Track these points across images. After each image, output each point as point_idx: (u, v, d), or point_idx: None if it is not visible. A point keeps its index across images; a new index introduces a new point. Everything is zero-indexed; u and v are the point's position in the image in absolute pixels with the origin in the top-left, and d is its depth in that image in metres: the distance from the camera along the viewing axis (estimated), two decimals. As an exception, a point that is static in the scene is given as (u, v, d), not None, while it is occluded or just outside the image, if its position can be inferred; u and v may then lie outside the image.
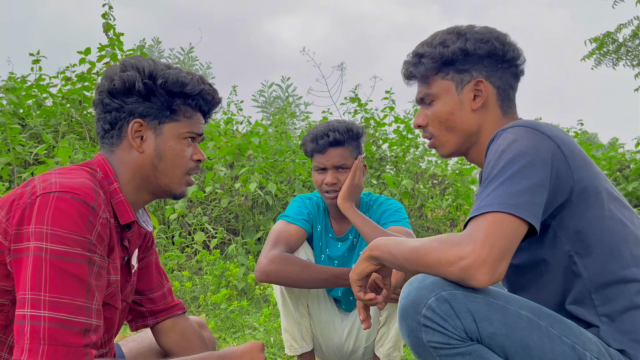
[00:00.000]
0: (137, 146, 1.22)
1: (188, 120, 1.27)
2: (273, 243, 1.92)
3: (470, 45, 1.28)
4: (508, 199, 1.05)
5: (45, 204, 1.01)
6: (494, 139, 1.19)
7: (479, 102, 1.29)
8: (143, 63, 1.23)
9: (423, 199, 5.32)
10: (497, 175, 1.09)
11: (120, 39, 5.20)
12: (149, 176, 1.25)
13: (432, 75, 1.33)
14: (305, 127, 6.18)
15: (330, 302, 2.14)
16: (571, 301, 1.15)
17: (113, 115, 1.22)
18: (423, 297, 1.05)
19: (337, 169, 1.96)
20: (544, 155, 1.10)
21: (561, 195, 1.12)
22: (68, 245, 1.00)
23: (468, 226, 1.07)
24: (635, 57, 7.46)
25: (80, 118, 4.91)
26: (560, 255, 1.15)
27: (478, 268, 1.00)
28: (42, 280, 0.97)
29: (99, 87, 1.24)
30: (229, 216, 4.52)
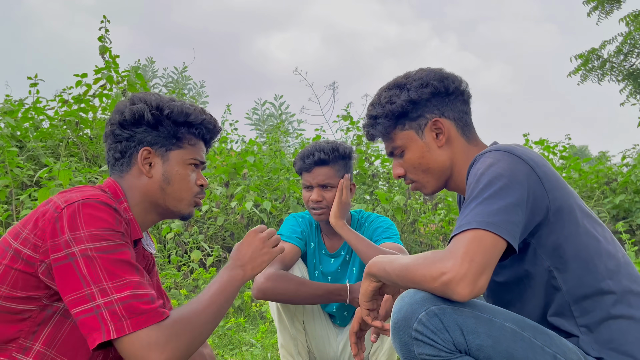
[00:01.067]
0: (147, 172, 1.34)
1: (192, 148, 1.39)
2: (269, 261, 1.98)
3: (414, 94, 1.38)
4: (485, 217, 1.12)
5: (73, 212, 1.12)
6: (473, 163, 1.27)
7: (442, 139, 1.39)
8: (150, 97, 1.37)
9: (415, 214, 5.40)
10: (476, 196, 1.18)
11: (116, 61, 5.29)
12: (158, 199, 1.36)
13: (391, 131, 1.42)
14: (299, 145, 6.27)
15: (325, 318, 2.20)
16: (552, 313, 1.23)
17: (123, 145, 1.34)
18: (414, 311, 1.12)
19: (322, 187, 2.05)
20: (520, 178, 1.18)
21: (538, 214, 1.20)
22: (107, 240, 1.12)
23: (450, 243, 1.15)
24: (620, 73, 7.63)
25: (77, 139, 4.97)
26: (540, 270, 1.22)
27: (459, 282, 1.07)
28: (99, 274, 1.08)
29: (110, 120, 1.36)
30: (224, 234, 4.58)
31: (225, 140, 5.84)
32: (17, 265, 1.14)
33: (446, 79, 1.40)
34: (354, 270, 2.14)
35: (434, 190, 1.45)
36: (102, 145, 5.21)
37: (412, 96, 1.38)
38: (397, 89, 1.42)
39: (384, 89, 1.45)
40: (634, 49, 7.35)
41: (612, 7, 7.49)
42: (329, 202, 2.03)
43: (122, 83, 5.43)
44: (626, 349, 1.15)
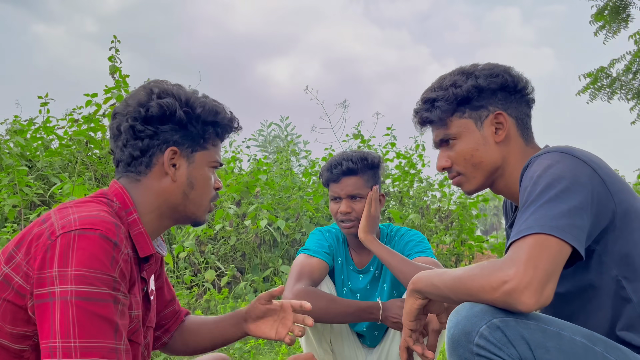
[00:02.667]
0: (172, 174, 1.20)
1: (214, 149, 1.28)
2: (297, 277, 1.89)
3: (482, 81, 1.32)
4: (548, 221, 1.04)
5: (67, 245, 0.97)
6: (528, 166, 1.19)
7: (501, 135, 1.31)
8: (176, 90, 1.21)
9: (429, 234, 5.30)
10: (535, 199, 1.09)
11: (126, 80, 5.27)
12: (178, 205, 1.23)
13: (448, 116, 1.35)
14: (309, 165, 6.21)
15: (353, 337, 2.09)
16: (622, 327, 1.13)
17: (145, 143, 1.18)
18: (474, 325, 1.03)
19: (351, 198, 1.96)
20: (582, 180, 1.10)
21: (604, 219, 1.11)
22: (93, 285, 0.96)
23: (509, 250, 1.06)
24: (630, 91, 7.61)
25: (86, 159, 4.91)
26: (607, 280, 1.14)
27: (523, 291, 0.98)
28: (70, 325, 0.93)
29: (129, 113, 1.18)
30: (235, 254, 4.48)
31: (235, 159, 5.78)
32: (6, 295, 0.99)
33: (517, 76, 1.34)
34: (384, 287, 2.04)
35: (478, 187, 1.36)
36: (111, 165, 5.15)
37: (481, 83, 1.31)
38: (463, 75, 1.34)
39: (448, 74, 1.38)
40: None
41: (619, 27, 7.51)
42: (359, 214, 1.94)
43: (131, 103, 5.40)
44: None
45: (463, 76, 1.34)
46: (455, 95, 1.32)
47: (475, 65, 1.37)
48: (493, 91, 1.32)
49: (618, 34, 7.57)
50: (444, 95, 1.34)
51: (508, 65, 1.36)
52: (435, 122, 1.37)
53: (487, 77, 1.32)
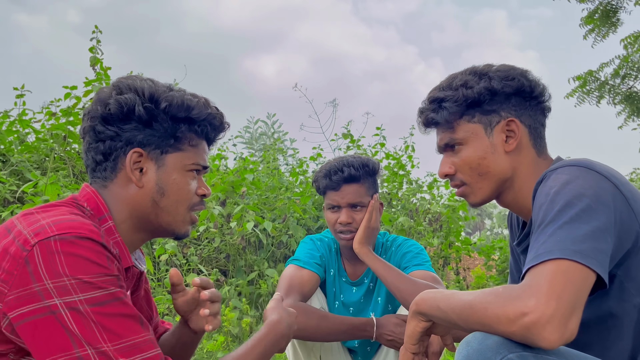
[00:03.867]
0: (137, 180, 1.07)
1: (193, 150, 1.13)
2: (286, 291, 1.75)
3: (497, 83, 1.20)
4: (570, 245, 0.92)
5: (50, 253, 0.87)
6: (542, 180, 1.08)
7: (512, 144, 1.20)
8: (142, 84, 1.08)
9: (418, 236, 5.21)
10: (553, 219, 0.98)
11: (107, 73, 5.08)
12: (149, 214, 1.10)
13: (456, 119, 1.23)
14: (296, 164, 6.09)
15: (344, 353, 1.97)
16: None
17: (107, 145, 1.06)
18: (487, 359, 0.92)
19: (352, 207, 1.83)
20: (604, 198, 0.99)
21: (627, 241, 1.00)
22: (101, 288, 0.88)
23: (527, 277, 0.94)
24: (617, 95, 7.61)
25: (65, 154, 4.72)
26: (629, 308, 1.03)
27: (545, 325, 0.86)
28: (95, 332, 0.86)
29: (90, 113, 1.08)
30: (219, 256, 4.33)
31: (220, 157, 5.62)
32: None
33: (534, 81, 1.22)
34: (379, 301, 1.91)
35: (484, 199, 1.24)
36: (90, 160, 4.96)
37: (495, 85, 1.19)
38: (476, 75, 1.22)
39: (460, 73, 1.25)
40: (631, 72, 7.33)
41: (608, 30, 7.50)
42: (359, 224, 1.80)
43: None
44: None
45: (476, 76, 1.22)
46: (465, 96, 1.20)
47: (490, 66, 1.25)
48: (507, 95, 1.20)
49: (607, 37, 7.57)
50: (453, 95, 1.22)
51: (525, 68, 1.25)
52: (441, 124, 1.25)
53: (502, 79, 1.20)
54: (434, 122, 1.26)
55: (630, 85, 7.53)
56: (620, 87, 7.62)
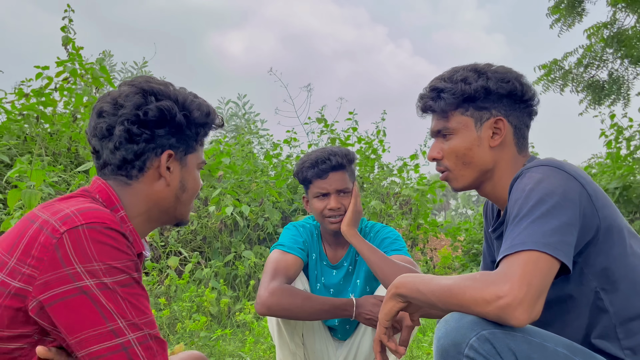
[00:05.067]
0: (168, 178, 1.18)
1: (201, 149, 1.26)
2: (272, 274, 1.88)
3: (492, 84, 1.32)
4: (541, 238, 1.07)
5: (79, 240, 0.96)
6: (519, 177, 1.22)
7: (497, 140, 1.33)
8: (174, 92, 1.18)
9: (388, 219, 5.38)
10: (527, 214, 1.12)
11: (79, 53, 5.01)
12: (169, 208, 1.21)
13: (451, 110, 1.35)
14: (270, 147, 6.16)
15: (325, 331, 2.11)
16: (597, 335, 1.19)
17: (141, 147, 1.14)
18: (464, 336, 1.06)
19: (340, 193, 1.96)
20: (571, 196, 1.13)
21: (588, 233, 1.15)
22: (126, 273, 0.99)
23: (502, 264, 1.09)
24: (580, 84, 7.91)
25: (37, 135, 4.67)
26: (586, 291, 1.18)
27: (517, 307, 1.02)
28: (125, 309, 0.97)
29: (122, 115, 1.13)
30: (196, 238, 4.41)
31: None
32: (3, 301, 0.97)
33: (527, 85, 1.34)
34: (357, 282, 2.06)
35: (464, 186, 1.38)
36: (63, 142, 4.92)
37: (490, 85, 1.32)
38: (476, 73, 1.34)
39: (461, 68, 1.37)
40: (594, 61, 7.62)
41: (573, 20, 7.74)
42: (347, 208, 1.94)
43: (85, 76, 5.15)
44: None
45: (475, 74, 1.34)
46: (463, 91, 1.33)
47: (489, 66, 1.37)
48: (500, 96, 1.33)
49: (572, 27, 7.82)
50: (452, 88, 1.34)
51: (520, 73, 1.37)
52: (437, 112, 1.38)
53: (498, 80, 1.32)
54: (431, 109, 1.39)
55: (592, 74, 7.83)
56: (583, 75, 7.91)
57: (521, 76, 1.36)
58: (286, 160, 5.92)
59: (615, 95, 7.41)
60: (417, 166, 6.13)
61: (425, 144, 6.22)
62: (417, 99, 1.45)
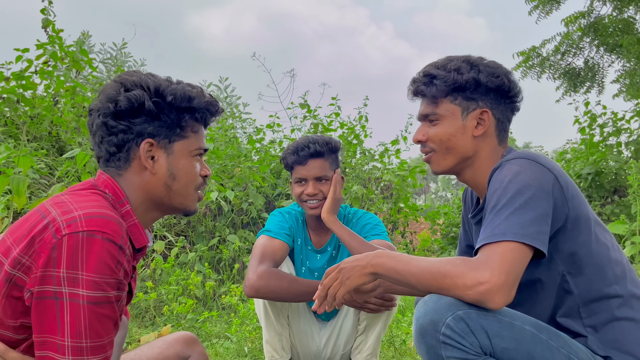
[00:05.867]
0: (151, 167, 1.19)
1: (195, 136, 1.25)
2: (259, 259, 1.96)
3: (483, 77, 1.39)
4: (520, 229, 1.17)
5: (75, 247, 0.99)
6: (498, 168, 1.31)
7: (480, 130, 1.41)
8: (145, 80, 1.19)
9: (370, 203, 5.49)
10: (506, 205, 1.21)
11: (60, 35, 4.96)
12: (162, 197, 1.22)
13: (441, 97, 1.42)
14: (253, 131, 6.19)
15: (309, 313, 2.20)
16: (561, 314, 1.30)
17: (120, 138, 1.17)
18: (441, 316, 1.15)
19: (318, 180, 2.04)
20: (546, 187, 1.23)
21: (558, 222, 1.26)
22: (104, 290, 1.01)
23: (482, 251, 1.19)
24: (557, 71, 8.06)
25: (17, 119, 4.63)
26: (554, 275, 1.29)
27: (496, 293, 1.12)
28: (82, 327, 0.99)
29: (100, 110, 1.18)
30: (180, 222, 4.45)
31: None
32: (6, 290, 1.01)
33: (514, 82, 1.42)
34: (341, 266, 2.15)
35: (444, 170, 1.46)
36: (44, 126, 4.88)
37: (481, 78, 1.39)
38: (469, 64, 1.41)
39: (455, 58, 1.44)
40: (571, 49, 7.77)
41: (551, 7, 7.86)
42: (325, 195, 2.02)
43: (65, 59, 5.10)
44: (629, 348, 1.24)
45: (468, 65, 1.41)
46: (454, 80, 1.39)
47: (482, 59, 1.44)
48: (489, 89, 1.40)
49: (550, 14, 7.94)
50: (445, 76, 1.41)
51: (509, 70, 1.44)
52: (428, 98, 1.45)
53: (489, 74, 1.40)
54: (422, 93, 1.46)
55: (569, 62, 7.99)
56: (560, 63, 8.07)
57: (509, 73, 1.44)
58: (269, 145, 5.97)
59: (590, 82, 7.58)
60: (398, 151, 6.23)
61: (406, 130, 6.33)
62: (409, 82, 1.50)
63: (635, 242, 3.72)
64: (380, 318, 2.06)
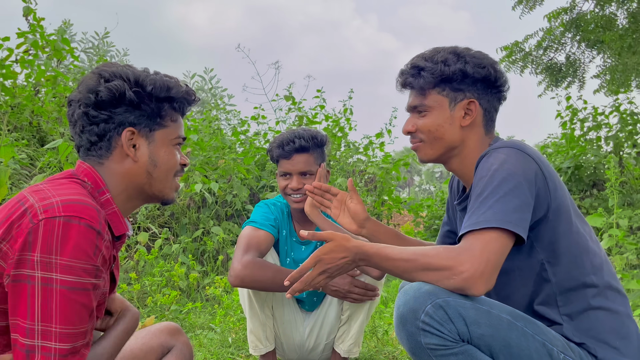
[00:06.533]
0: (133, 155, 1.22)
1: (175, 125, 1.28)
2: (244, 249, 1.97)
3: (470, 68, 1.42)
4: (503, 216, 1.21)
5: (52, 231, 1.00)
6: (485, 155, 1.34)
7: (467, 120, 1.43)
8: (124, 71, 1.22)
9: (354, 196, 5.51)
10: (491, 193, 1.25)
11: (41, 24, 4.88)
12: (143, 184, 1.25)
13: (429, 88, 1.44)
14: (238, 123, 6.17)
15: (293, 303, 2.23)
16: (539, 302, 1.34)
17: (101, 127, 1.20)
18: (421, 304, 1.19)
19: (302, 175, 2.06)
20: (530, 177, 1.27)
21: (540, 211, 1.29)
22: (78, 276, 1.01)
23: (465, 239, 1.23)
24: (539, 66, 8.16)
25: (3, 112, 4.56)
26: (534, 263, 1.33)
27: (477, 280, 1.17)
28: (52, 312, 0.99)
29: (81, 100, 1.20)
30: (164, 214, 4.44)
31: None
32: None
33: (500, 72, 1.44)
34: (325, 257, 2.17)
35: (431, 159, 1.49)
36: (24, 115, 4.81)
37: (468, 69, 1.41)
38: (455, 55, 1.43)
39: (442, 49, 1.46)
40: (553, 44, 7.87)
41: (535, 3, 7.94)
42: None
43: (47, 48, 5.03)
44: (603, 337, 1.29)
45: (455, 57, 1.43)
46: (442, 72, 1.42)
47: (468, 50, 1.46)
48: (475, 80, 1.42)
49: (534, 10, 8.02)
50: (432, 68, 1.43)
51: (495, 60, 1.47)
52: (416, 89, 1.47)
53: (475, 65, 1.42)
54: (411, 85, 1.48)
55: (551, 57, 8.08)
56: (542, 58, 8.16)
57: (496, 63, 1.46)
58: (254, 137, 5.96)
59: (571, 77, 7.69)
60: (383, 144, 6.27)
61: (390, 123, 6.36)
62: (397, 74, 1.53)
63: (612, 235, 3.81)
64: (363, 308, 2.09)
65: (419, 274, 1.23)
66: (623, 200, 5.53)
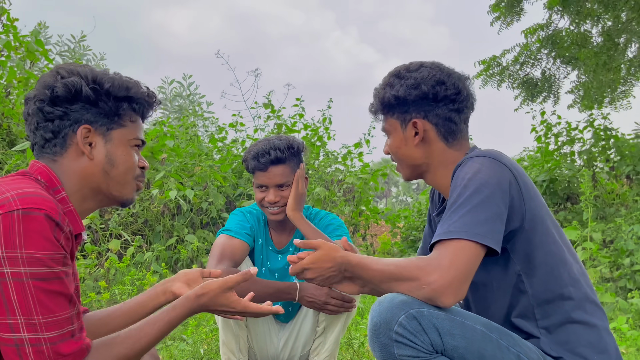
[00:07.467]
0: (88, 153, 1.19)
1: (134, 126, 1.26)
2: (218, 258, 1.92)
3: (402, 91, 1.41)
4: (472, 227, 1.20)
5: (12, 225, 0.97)
6: (461, 164, 1.33)
7: (417, 139, 1.43)
8: (82, 69, 1.21)
9: (332, 205, 5.50)
10: (463, 203, 1.24)
11: (14, 25, 4.77)
12: (100, 184, 1.22)
13: (383, 113, 1.48)
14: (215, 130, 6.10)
15: (268, 314, 2.17)
16: (516, 315, 1.32)
17: (56, 124, 1.18)
18: (394, 315, 1.17)
19: (279, 187, 2.01)
20: (504, 186, 1.26)
21: (514, 221, 1.28)
22: (48, 266, 0.99)
23: (436, 249, 1.21)
24: (516, 80, 8.30)
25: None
26: (510, 274, 1.31)
27: (444, 291, 1.16)
28: (31, 305, 0.98)
29: (36, 96, 1.19)
30: (137, 221, 4.34)
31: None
32: None
33: (442, 84, 1.39)
34: (301, 267, 2.13)
35: (407, 178, 1.53)
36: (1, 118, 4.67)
37: (400, 94, 1.41)
38: (397, 78, 1.44)
39: (391, 74, 1.47)
40: (529, 60, 8.02)
41: (512, 19, 8.09)
42: (286, 201, 2.00)
43: (20, 49, 4.91)
44: (580, 351, 1.27)
45: (395, 80, 1.43)
46: (382, 99, 1.45)
47: (410, 69, 1.43)
48: (412, 101, 1.41)
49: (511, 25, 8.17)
50: (377, 95, 1.46)
51: (447, 68, 1.43)
52: (377, 115, 1.50)
53: (408, 87, 1.41)
54: (373, 111, 1.51)
55: (527, 72, 8.23)
56: (519, 73, 8.31)
57: (438, 75, 1.41)
58: (231, 144, 5.90)
59: (546, 92, 7.84)
60: (361, 154, 6.28)
61: (369, 133, 6.38)
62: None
63: (586, 248, 3.85)
64: (340, 319, 2.05)
65: (392, 284, 1.22)
66: (596, 214, 5.62)
